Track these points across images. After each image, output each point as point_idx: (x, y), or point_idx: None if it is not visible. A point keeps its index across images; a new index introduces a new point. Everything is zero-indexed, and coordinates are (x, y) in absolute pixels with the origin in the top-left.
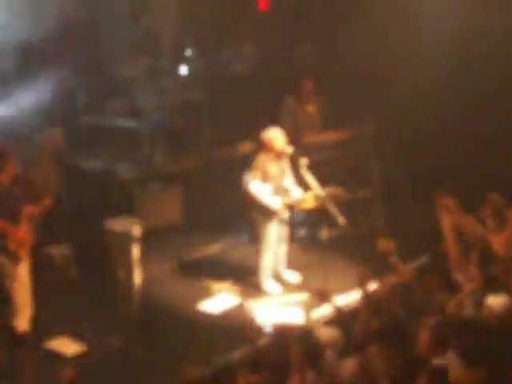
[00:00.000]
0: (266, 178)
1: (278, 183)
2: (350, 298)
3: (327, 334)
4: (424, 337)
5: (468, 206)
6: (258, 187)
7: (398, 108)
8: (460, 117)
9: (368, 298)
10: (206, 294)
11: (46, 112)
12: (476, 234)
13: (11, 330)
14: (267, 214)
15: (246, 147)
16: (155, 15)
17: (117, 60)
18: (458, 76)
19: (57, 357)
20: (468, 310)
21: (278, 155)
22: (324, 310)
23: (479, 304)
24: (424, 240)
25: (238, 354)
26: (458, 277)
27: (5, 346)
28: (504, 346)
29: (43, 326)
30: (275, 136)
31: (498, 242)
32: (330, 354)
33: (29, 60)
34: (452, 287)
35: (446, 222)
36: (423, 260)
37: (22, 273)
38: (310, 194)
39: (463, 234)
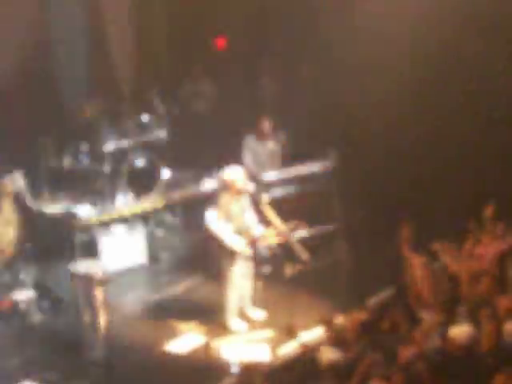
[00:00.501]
0: (227, 216)
1: (240, 221)
2: (315, 333)
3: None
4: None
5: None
6: (220, 226)
7: (359, 142)
8: (425, 146)
9: (334, 333)
10: (172, 334)
11: (7, 155)
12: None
13: None
14: (230, 252)
15: (208, 186)
16: (114, 56)
17: (77, 102)
18: (421, 104)
19: None
20: (433, 342)
21: (239, 193)
22: (291, 346)
23: (444, 336)
24: (386, 274)
25: None
26: (422, 310)
27: None
28: (470, 373)
29: (8, 373)
30: (235, 175)
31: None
32: None
33: None
34: (415, 321)
35: (410, 257)
36: (387, 293)
37: None
38: (271, 230)
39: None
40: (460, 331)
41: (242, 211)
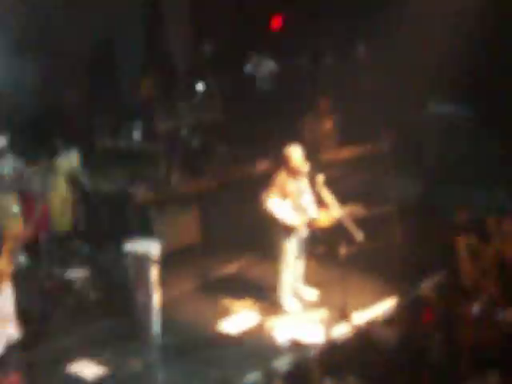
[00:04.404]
0: (284, 195)
1: (297, 201)
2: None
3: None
4: None
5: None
6: (276, 205)
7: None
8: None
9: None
10: (227, 313)
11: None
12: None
13: None
14: (287, 231)
15: (263, 165)
16: (169, 35)
17: (132, 82)
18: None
19: (78, 381)
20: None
21: (297, 173)
22: (344, 327)
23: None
24: (441, 256)
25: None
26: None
27: None
28: None
29: (63, 351)
30: (294, 153)
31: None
32: None
33: None
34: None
35: (461, 241)
36: (441, 275)
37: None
38: (327, 212)
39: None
40: None
41: (300, 191)
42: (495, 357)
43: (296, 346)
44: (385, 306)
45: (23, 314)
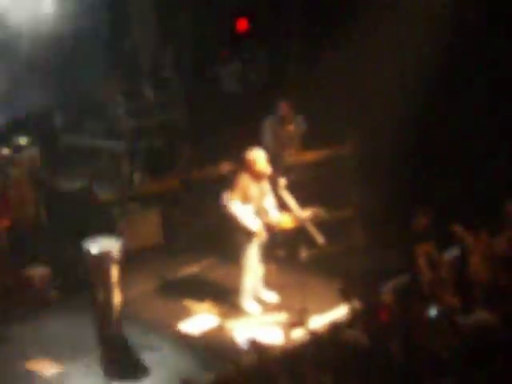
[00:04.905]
0: (246, 198)
1: (259, 204)
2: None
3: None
4: None
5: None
6: (238, 207)
7: (377, 125)
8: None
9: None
10: (187, 314)
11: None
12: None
13: None
14: (248, 234)
15: (226, 167)
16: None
17: (94, 81)
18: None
19: (36, 377)
20: None
21: (259, 176)
22: (303, 330)
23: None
24: (401, 260)
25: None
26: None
27: None
28: None
29: (22, 347)
30: (257, 157)
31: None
32: None
33: None
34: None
35: (419, 249)
36: (400, 280)
37: None
38: (289, 215)
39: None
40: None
41: (261, 194)
42: (452, 361)
43: (255, 348)
44: (343, 310)
45: None
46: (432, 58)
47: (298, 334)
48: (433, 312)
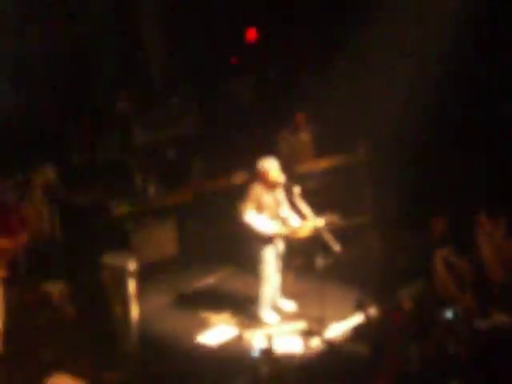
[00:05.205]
0: (260, 208)
1: (274, 213)
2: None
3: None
4: None
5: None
6: (253, 217)
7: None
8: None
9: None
10: (205, 326)
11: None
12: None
13: None
14: (265, 243)
15: (239, 178)
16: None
17: (107, 95)
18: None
19: None
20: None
21: (273, 185)
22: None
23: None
24: (418, 266)
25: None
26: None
27: None
28: None
29: (42, 364)
30: (270, 166)
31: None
32: None
33: None
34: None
35: (437, 254)
36: (418, 285)
37: None
38: (305, 223)
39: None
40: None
41: (276, 203)
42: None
43: (268, 358)
44: (360, 318)
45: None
46: (445, 68)
47: (316, 342)
48: (449, 314)
